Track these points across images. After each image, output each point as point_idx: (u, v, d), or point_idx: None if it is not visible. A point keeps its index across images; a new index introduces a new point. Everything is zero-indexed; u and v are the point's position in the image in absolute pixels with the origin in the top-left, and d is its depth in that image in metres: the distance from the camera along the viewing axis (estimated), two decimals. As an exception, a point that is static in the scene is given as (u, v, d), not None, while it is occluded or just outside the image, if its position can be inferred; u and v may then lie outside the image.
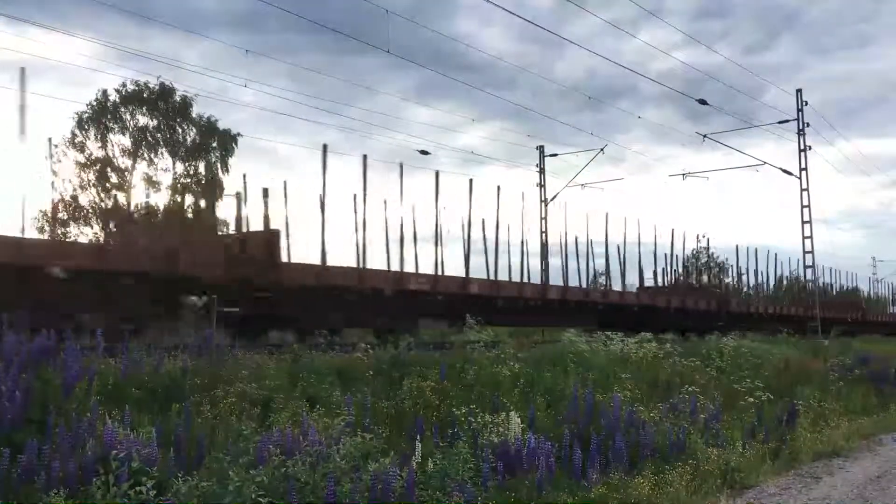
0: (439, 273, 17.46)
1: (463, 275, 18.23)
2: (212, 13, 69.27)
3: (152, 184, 29.15)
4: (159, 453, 4.72)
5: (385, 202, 17.14)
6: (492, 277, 19.36)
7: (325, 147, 15.56)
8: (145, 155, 29.24)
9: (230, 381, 6.76)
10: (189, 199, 29.24)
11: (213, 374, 6.96)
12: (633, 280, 24.55)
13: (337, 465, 4.69)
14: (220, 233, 18.78)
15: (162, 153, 29.40)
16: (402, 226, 16.87)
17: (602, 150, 30.35)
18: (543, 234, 30.41)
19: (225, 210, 29.70)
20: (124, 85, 28.60)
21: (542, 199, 32.04)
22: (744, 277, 32.29)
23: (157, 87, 28.84)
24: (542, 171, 32.77)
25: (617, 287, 25.45)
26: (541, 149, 33.13)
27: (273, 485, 4.40)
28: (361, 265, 15.24)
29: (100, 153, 28.53)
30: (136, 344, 7.62)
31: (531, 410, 7.03)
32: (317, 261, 14.64)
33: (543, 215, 31.37)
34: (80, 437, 4.74)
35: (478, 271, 19.24)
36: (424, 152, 24.65)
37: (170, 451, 4.88)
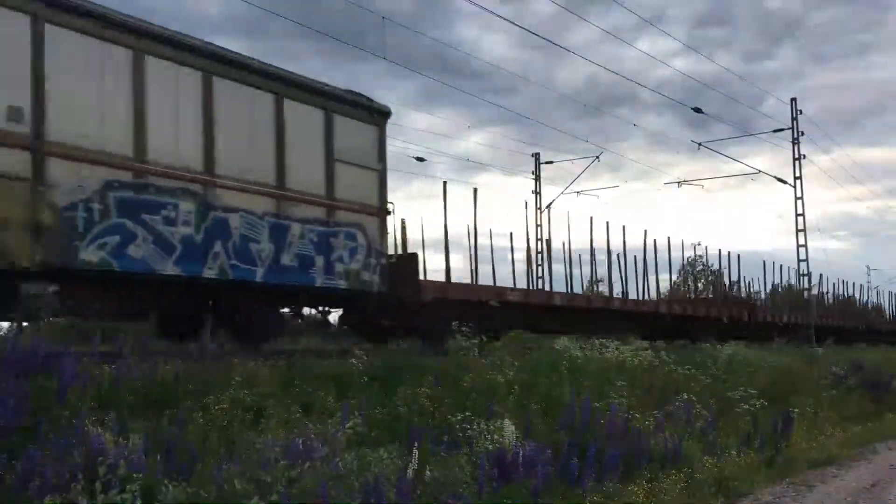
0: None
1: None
2: (214, 18, 69.42)
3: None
4: (148, 460, 4.69)
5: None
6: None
7: (444, 184, 16.57)
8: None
9: (223, 387, 6.74)
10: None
11: (205, 380, 6.93)
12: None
13: (336, 472, 4.70)
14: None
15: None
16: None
17: (598, 157, 30.44)
18: (539, 241, 30.43)
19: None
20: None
21: (538, 206, 32.08)
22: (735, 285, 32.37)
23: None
24: (537, 178, 32.81)
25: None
26: (536, 156, 33.17)
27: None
28: (474, 281, 16.63)
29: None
30: (129, 348, 7.58)
31: (527, 418, 7.02)
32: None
33: (539, 222, 31.41)
34: (76, 443, 4.70)
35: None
36: (420, 159, 24.71)
37: (158, 458, 4.85)
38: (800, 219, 28.69)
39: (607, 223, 22.21)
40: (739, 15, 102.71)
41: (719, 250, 28.35)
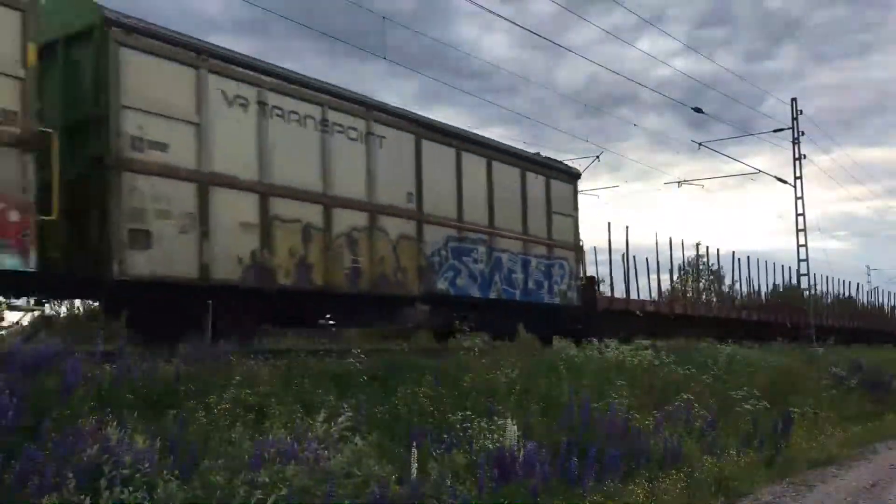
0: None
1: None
2: (215, 18, 69.41)
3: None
4: (155, 459, 4.70)
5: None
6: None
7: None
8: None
9: (223, 387, 6.73)
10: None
11: (205, 379, 6.92)
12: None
13: (332, 472, 4.69)
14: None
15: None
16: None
17: (598, 157, 30.44)
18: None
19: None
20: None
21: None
22: (737, 285, 32.35)
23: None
24: (538, 178, 32.83)
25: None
26: (536, 156, 33.15)
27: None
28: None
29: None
30: (130, 348, 7.58)
31: (527, 417, 7.01)
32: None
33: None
34: (79, 443, 4.71)
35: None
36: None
37: (163, 458, 4.85)
38: (800, 219, 28.65)
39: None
40: (739, 15, 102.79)
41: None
